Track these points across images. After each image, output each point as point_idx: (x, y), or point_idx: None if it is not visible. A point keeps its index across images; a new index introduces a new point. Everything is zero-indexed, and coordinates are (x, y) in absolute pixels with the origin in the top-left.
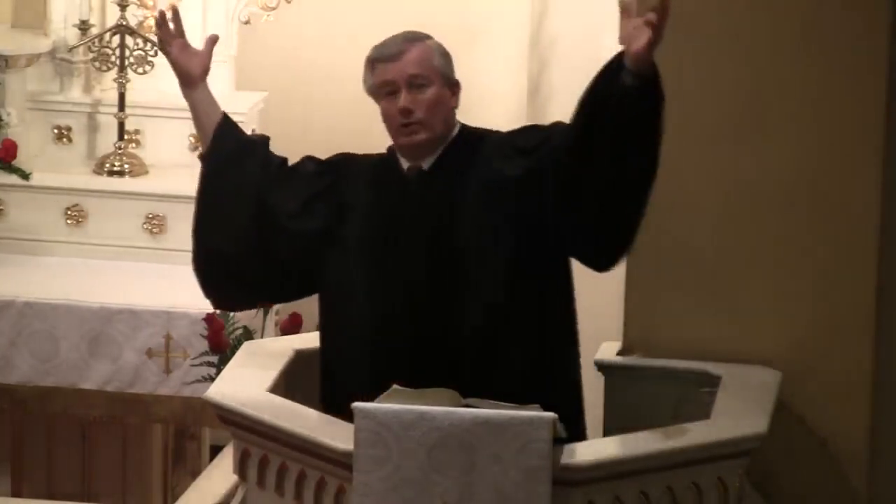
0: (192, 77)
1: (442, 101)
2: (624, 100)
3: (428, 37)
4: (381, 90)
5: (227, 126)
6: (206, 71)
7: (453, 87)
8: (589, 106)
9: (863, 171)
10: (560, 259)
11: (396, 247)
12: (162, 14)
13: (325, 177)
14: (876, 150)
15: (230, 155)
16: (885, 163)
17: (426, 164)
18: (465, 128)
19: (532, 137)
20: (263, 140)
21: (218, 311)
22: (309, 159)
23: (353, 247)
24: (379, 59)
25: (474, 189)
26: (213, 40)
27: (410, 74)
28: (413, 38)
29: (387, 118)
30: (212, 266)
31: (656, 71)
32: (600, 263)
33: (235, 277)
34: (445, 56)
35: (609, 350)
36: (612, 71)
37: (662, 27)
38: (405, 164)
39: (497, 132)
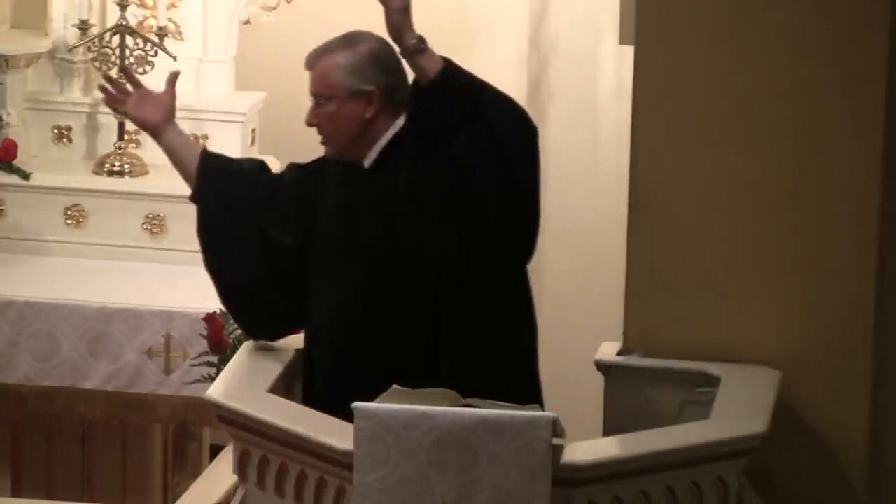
0: (154, 126)
1: (343, 115)
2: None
3: (348, 45)
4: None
5: (208, 162)
6: (170, 113)
7: (368, 96)
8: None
9: (863, 171)
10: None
11: (345, 245)
12: (106, 78)
13: (302, 184)
14: (876, 150)
15: (219, 192)
16: (885, 163)
17: (367, 163)
18: (407, 125)
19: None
20: (251, 165)
21: (218, 311)
22: (291, 168)
23: (316, 245)
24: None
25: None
26: (172, 79)
27: (313, 92)
28: (324, 51)
29: None
30: (238, 299)
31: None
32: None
33: (263, 306)
34: (354, 69)
35: (609, 350)
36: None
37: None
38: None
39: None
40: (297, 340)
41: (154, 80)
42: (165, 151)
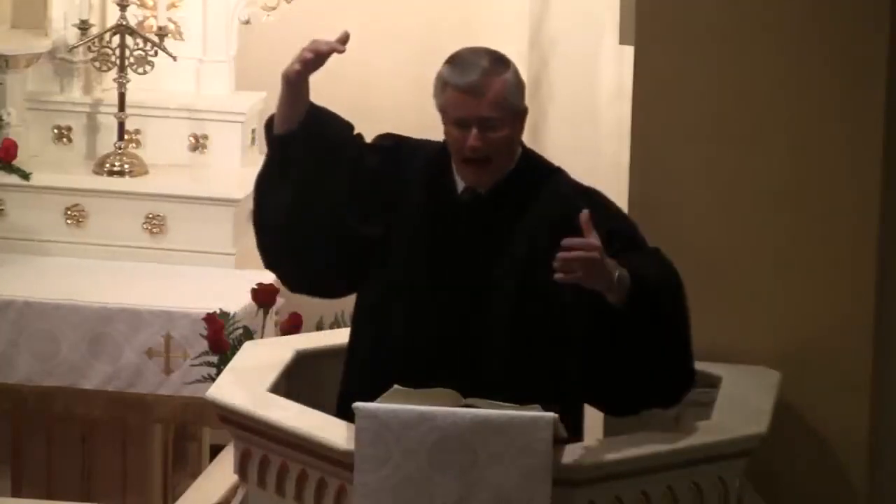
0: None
1: (512, 138)
2: (619, 324)
3: (506, 63)
4: (450, 117)
5: (322, 115)
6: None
7: (523, 117)
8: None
9: (863, 171)
10: None
11: (438, 272)
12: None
13: (385, 174)
14: (876, 150)
15: (322, 129)
16: (885, 163)
17: (483, 189)
18: (527, 154)
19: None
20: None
21: (218, 311)
22: (370, 152)
23: (397, 261)
24: (455, 86)
25: (526, 237)
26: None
27: (485, 117)
28: (493, 71)
29: (453, 142)
30: (298, 238)
31: (635, 284)
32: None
33: (325, 257)
34: (520, 87)
35: None
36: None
37: (586, 266)
38: (460, 183)
39: (565, 175)
40: (297, 340)
41: (154, 80)
42: (283, 96)
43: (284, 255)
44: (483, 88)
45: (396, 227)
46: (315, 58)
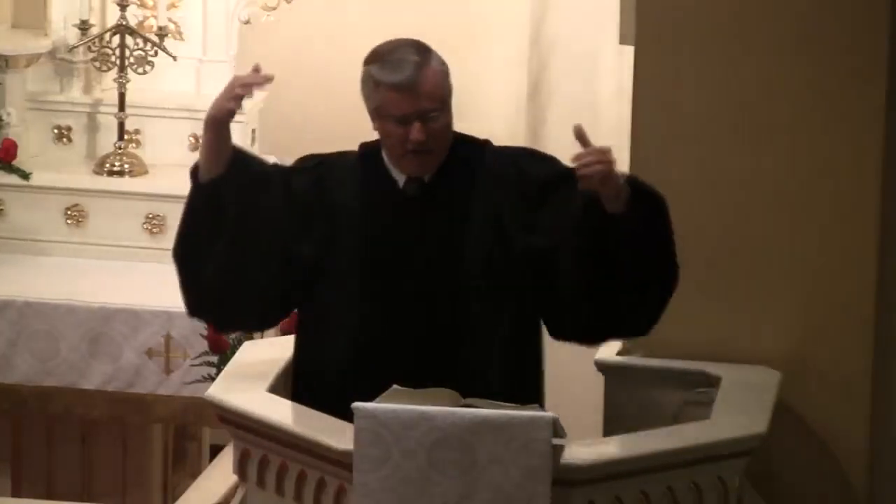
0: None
1: (450, 124)
2: (618, 229)
3: (429, 51)
4: (388, 115)
5: (239, 153)
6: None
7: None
8: (588, 242)
9: (863, 171)
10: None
11: (393, 272)
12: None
13: (311, 191)
14: (876, 151)
15: (244, 183)
16: (885, 163)
17: (427, 177)
18: (455, 135)
19: (549, 189)
20: (276, 169)
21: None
22: (295, 176)
23: (343, 269)
24: (391, 84)
25: (478, 217)
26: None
27: (425, 109)
28: (423, 62)
29: (389, 138)
30: (233, 293)
31: (639, 189)
32: (578, 338)
33: (260, 306)
34: (447, 72)
35: (609, 350)
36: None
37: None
38: (399, 177)
39: (491, 145)
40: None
41: (154, 80)
42: (210, 141)
43: (226, 304)
44: (419, 82)
45: (339, 239)
46: (243, 95)
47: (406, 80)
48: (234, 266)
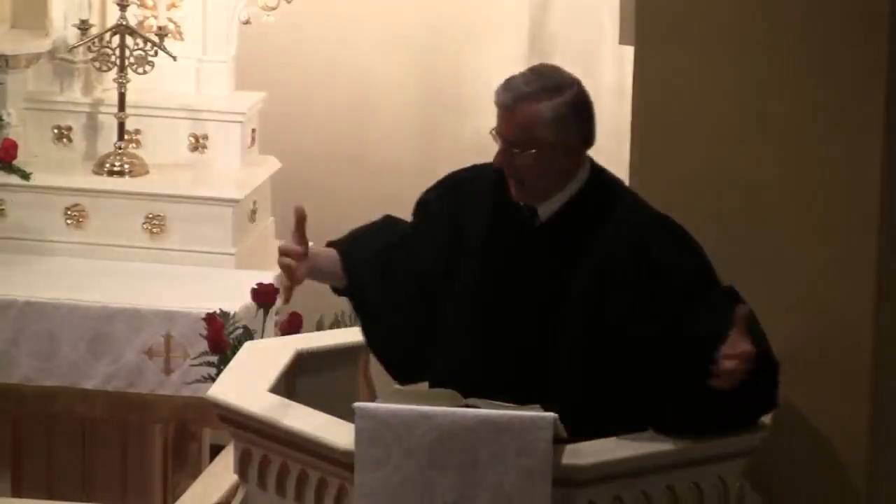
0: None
1: (544, 167)
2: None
3: (552, 92)
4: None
5: (351, 257)
6: (310, 258)
7: (568, 149)
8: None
9: (863, 172)
10: None
11: (502, 304)
12: (283, 252)
13: (443, 216)
14: (876, 151)
15: (372, 268)
16: (885, 163)
17: (543, 215)
18: (597, 177)
19: (672, 291)
20: (388, 227)
21: (218, 311)
22: (429, 196)
23: (464, 290)
24: (495, 101)
25: (592, 269)
26: (300, 217)
27: (508, 137)
28: (526, 96)
29: None
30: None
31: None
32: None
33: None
34: (558, 121)
35: None
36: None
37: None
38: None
39: (633, 200)
40: (297, 340)
41: (154, 80)
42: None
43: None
44: (511, 112)
45: (467, 251)
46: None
47: (501, 102)
48: (396, 325)
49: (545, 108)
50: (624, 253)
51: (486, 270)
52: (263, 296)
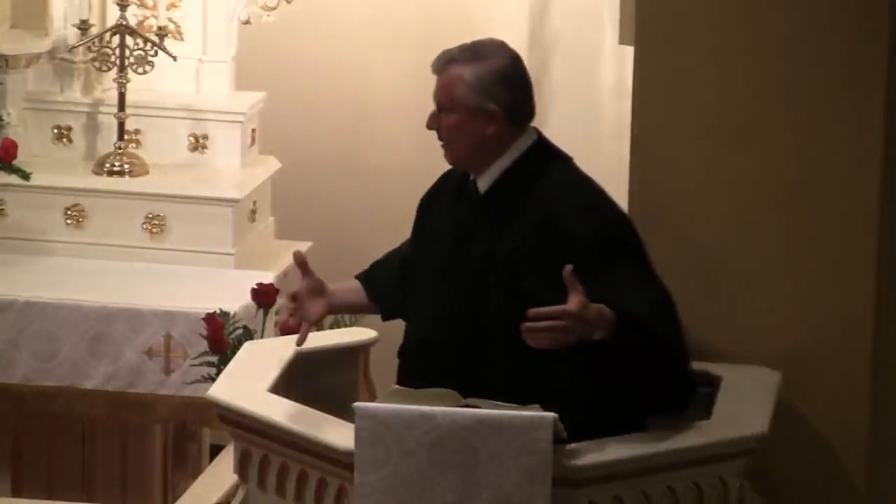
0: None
1: (461, 128)
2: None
3: (478, 58)
4: None
5: (372, 287)
6: (328, 296)
7: (490, 115)
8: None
9: (863, 171)
10: None
11: (447, 271)
12: (292, 297)
13: (425, 202)
14: (876, 151)
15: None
16: (885, 163)
17: (482, 186)
18: (534, 149)
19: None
20: (403, 245)
21: (218, 311)
22: (424, 196)
23: (420, 262)
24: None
25: (515, 236)
26: (301, 262)
27: (436, 99)
28: (451, 60)
29: None
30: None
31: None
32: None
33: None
34: (477, 86)
35: None
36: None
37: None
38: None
39: (565, 167)
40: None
41: (154, 80)
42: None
43: None
44: (440, 74)
45: (431, 227)
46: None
47: (433, 67)
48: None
49: (467, 71)
50: (538, 218)
51: (439, 242)
52: (263, 296)
